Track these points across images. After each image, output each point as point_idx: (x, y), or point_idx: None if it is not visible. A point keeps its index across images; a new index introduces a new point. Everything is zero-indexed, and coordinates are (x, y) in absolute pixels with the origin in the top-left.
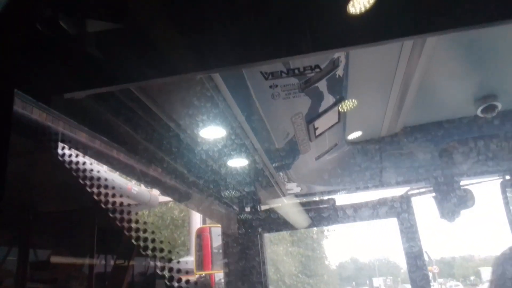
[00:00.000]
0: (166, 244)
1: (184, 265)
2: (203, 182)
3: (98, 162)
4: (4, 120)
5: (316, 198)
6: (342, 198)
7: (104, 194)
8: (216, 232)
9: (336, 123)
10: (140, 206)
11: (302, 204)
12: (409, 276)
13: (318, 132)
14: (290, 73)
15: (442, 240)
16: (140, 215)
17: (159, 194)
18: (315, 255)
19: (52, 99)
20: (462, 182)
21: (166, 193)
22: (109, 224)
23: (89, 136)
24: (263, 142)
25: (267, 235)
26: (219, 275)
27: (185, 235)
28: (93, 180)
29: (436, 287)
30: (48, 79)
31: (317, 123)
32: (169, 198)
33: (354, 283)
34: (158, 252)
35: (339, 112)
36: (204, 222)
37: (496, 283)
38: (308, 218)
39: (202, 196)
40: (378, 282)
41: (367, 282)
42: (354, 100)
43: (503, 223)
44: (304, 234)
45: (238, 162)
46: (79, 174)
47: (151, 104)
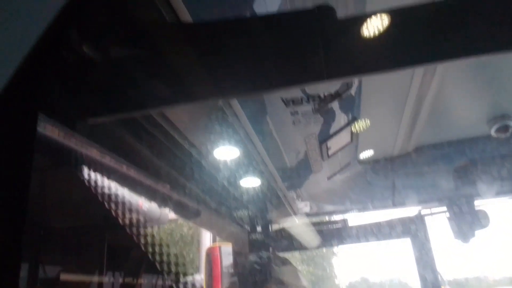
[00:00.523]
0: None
1: (194, 283)
2: (215, 201)
3: (111, 180)
4: (28, 143)
5: (328, 218)
6: (354, 218)
7: (116, 211)
8: (226, 251)
9: (348, 143)
10: (150, 223)
11: (314, 223)
12: None
13: (330, 152)
14: (311, 99)
15: (455, 260)
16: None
17: (169, 211)
18: (325, 274)
19: (75, 122)
20: (476, 202)
21: (178, 211)
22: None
23: (101, 153)
24: (275, 161)
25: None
26: None
27: (194, 252)
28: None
29: None
30: (72, 104)
31: (329, 143)
32: (179, 215)
33: None
34: (171, 269)
35: (352, 132)
36: (214, 239)
37: None
38: (320, 237)
39: (213, 215)
40: None
41: None
42: (367, 120)
43: None
44: (313, 252)
45: (250, 182)
46: (92, 190)
47: (167, 125)
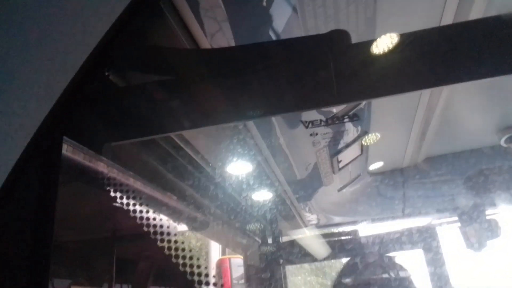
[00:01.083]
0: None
1: None
2: (226, 214)
3: (121, 193)
4: (54, 167)
5: (339, 229)
6: (365, 229)
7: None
8: (236, 263)
9: (359, 156)
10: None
11: (325, 235)
12: None
13: (341, 164)
14: (329, 121)
15: (467, 270)
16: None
17: (179, 224)
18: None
19: (98, 146)
20: (488, 212)
21: (188, 224)
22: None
23: (108, 166)
24: (286, 174)
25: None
26: None
27: (202, 264)
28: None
29: None
30: (96, 128)
31: (340, 156)
32: (189, 228)
33: None
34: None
35: (362, 145)
36: (223, 251)
37: None
38: (331, 250)
39: (224, 227)
40: None
41: None
42: (377, 133)
43: None
44: (322, 262)
45: (262, 195)
46: (102, 203)
47: (180, 141)
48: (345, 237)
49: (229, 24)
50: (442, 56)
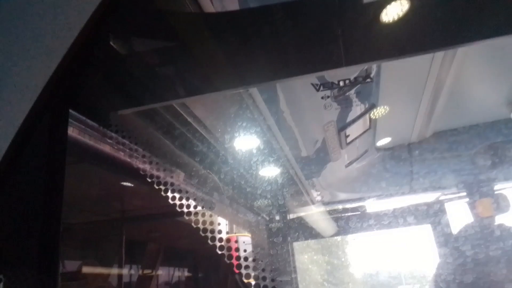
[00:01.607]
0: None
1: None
2: (233, 191)
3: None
4: (61, 141)
5: (346, 206)
6: (372, 205)
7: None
8: (243, 240)
9: (367, 130)
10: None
11: (332, 212)
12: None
13: (349, 139)
14: (341, 83)
15: (475, 245)
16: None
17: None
18: (340, 263)
19: (104, 116)
20: (496, 187)
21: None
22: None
23: (116, 146)
24: (293, 150)
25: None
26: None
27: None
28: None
29: None
30: (100, 99)
31: (348, 130)
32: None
33: None
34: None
35: (370, 119)
36: (230, 229)
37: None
38: (338, 226)
39: (231, 205)
40: None
41: None
42: (386, 106)
43: None
44: (329, 241)
45: (268, 171)
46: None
47: (187, 114)
48: (352, 213)
49: None
50: (454, 15)
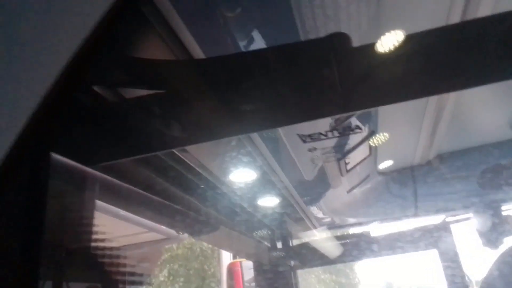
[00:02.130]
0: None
1: None
2: (234, 222)
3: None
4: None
5: (350, 231)
6: (377, 229)
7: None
8: (247, 266)
9: (367, 156)
10: (169, 240)
11: (336, 237)
12: None
13: (349, 166)
14: (330, 135)
15: (482, 261)
16: (169, 248)
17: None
18: (348, 281)
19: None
20: (504, 208)
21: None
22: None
23: (118, 183)
24: (293, 177)
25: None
26: None
27: (214, 266)
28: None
29: None
30: (86, 145)
31: (348, 158)
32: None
33: None
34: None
35: (370, 145)
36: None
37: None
38: (342, 252)
39: (232, 235)
40: None
41: None
42: (385, 133)
43: None
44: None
45: (268, 201)
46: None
47: (182, 153)
48: (356, 238)
49: (223, 31)
50: (452, 57)
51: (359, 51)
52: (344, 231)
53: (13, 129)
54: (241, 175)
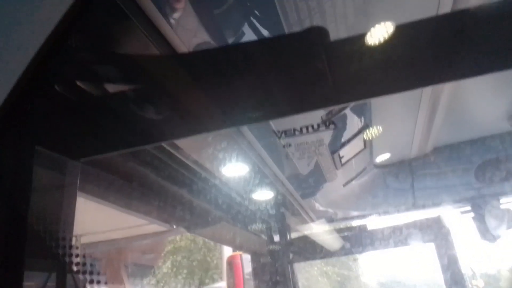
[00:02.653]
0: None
1: None
2: (231, 217)
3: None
4: (26, 178)
5: (347, 224)
6: (374, 222)
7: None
8: (247, 258)
9: (362, 150)
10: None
11: (333, 231)
12: None
13: (344, 160)
14: (304, 131)
15: (486, 253)
16: (172, 240)
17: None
18: (351, 273)
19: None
20: (502, 201)
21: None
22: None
23: (106, 176)
24: (287, 171)
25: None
26: None
27: (217, 258)
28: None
29: None
30: (71, 140)
31: (342, 151)
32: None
33: None
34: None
35: (365, 138)
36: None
37: None
38: (340, 245)
39: (230, 229)
40: None
41: None
42: (379, 126)
43: None
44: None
45: (263, 195)
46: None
47: (173, 149)
48: (353, 232)
49: (204, 25)
50: (442, 48)
51: (343, 43)
52: (342, 224)
53: None
54: (234, 169)
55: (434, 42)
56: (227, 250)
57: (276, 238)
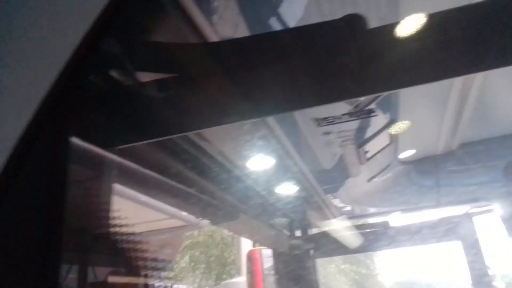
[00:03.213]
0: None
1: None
2: (254, 210)
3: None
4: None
5: (369, 220)
6: (397, 219)
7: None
8: (267, 253)
9: (388, 145)
10: (190, 227)
11: (354, 227)
12: None
13: (368, 155)
14: (344, 118)
15: (506, 253)
16: (189, 235)
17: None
18: (369, 272)
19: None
20: None
21: (217, 222)
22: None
23: (138, 168)
24: (311, 165)
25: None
26: None
27: (235, 253)
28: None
29: None
30: (105, 129)
31: (367, 146)
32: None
33: None
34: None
35: (391, 134)
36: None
37: None
38: (361, 241)
39: (252, 222)
40: None
41: None
42: (406, 121)
43: None
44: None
45: (287, 188)
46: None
47: (201, 141)
48: (375, 228)
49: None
50: (476, 38)
51: (376, 32)
52: (364, 221)
53: (24, 114)
54: (259, 162)
55: (465, 31)
56: (245, 246)
57: (298, 233)
